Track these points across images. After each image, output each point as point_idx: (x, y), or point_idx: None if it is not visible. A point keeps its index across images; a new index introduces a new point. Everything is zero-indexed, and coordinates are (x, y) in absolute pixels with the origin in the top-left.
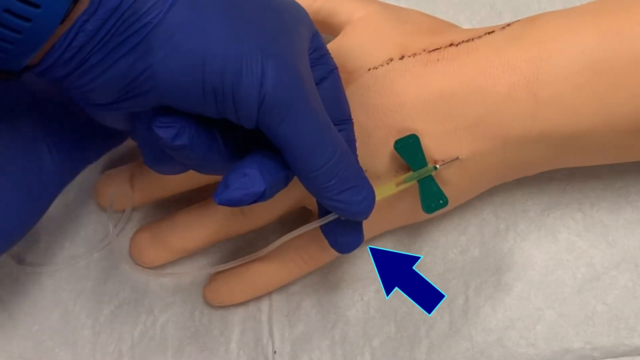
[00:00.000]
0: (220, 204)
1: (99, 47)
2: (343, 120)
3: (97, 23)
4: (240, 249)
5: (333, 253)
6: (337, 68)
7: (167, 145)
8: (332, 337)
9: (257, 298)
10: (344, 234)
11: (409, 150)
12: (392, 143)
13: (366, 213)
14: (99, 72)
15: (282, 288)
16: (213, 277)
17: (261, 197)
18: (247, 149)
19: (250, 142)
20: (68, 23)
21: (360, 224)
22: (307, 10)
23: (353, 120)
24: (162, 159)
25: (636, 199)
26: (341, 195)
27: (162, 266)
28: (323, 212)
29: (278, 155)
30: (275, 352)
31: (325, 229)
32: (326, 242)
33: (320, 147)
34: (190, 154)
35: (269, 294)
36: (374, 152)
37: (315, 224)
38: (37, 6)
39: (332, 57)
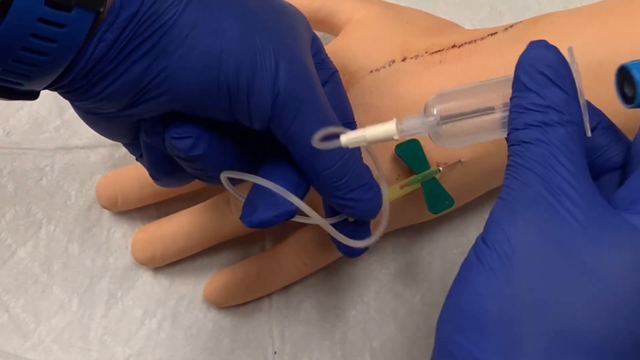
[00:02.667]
0: (251, 226)
1: (117, 54)
2: (347, 123)
3: (117, 31)
4: (241, 248)
5: (333, 255)
6: (337, 71)
7: (182, 157)
8: (332, 338)
9: (258, 299)
10: (352, 237)
11: (411, 153)
12: (394, 146)
13: (375, 211)
14: (114, 79)
15: (282, 289)
16: (213, 278)
17: (292, 215)
18: (255, 162)
19: (259, 154)
20: (89, 35)
21: (367, 227)
22: (307, 10)
23: (356, 123)
24: (170, 170)
25: None
26: (351, 194)
27: (161, 267)
28: (330, 214)
29: (294, 166)
30: (275, 352)
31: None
32: (326, 244)
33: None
34: (203, 164)
35: (269, 294)
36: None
37: (324, 220)
38: (62, 26)
39: (331, 61)
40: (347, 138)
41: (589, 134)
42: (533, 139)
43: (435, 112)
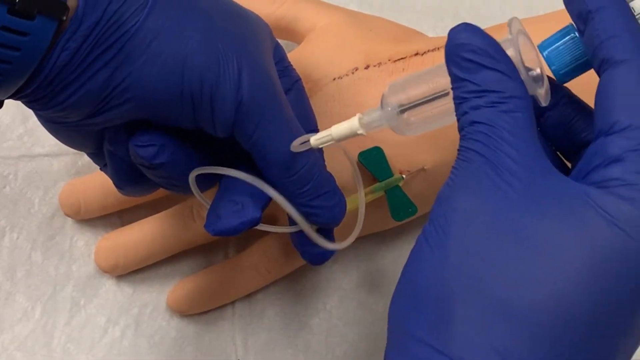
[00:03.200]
0: (215, 234)
1: (80, 62)
2: (310, 130)
3: (80, 39)
4: (204, 256)
5: (296, 263)
6: (300, 79)
7: (146, 165)
8: (296, 346)
9: (221, 306)
10: (316, 245)
11: (374, 161)
12: (357, 153)
13: (339, 218)
14: (77, 87)
15: (246, 297)
16: (176, 286)
17: (257, 223)
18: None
19: (223, 162)
20: (52, 44)
21: (331, 234)
22: (269, 18)
23: (319, 131)
24: (134, 179)
25: None
26: (315, 201)
27: (124, 275)
28: (294, 222)
29: (258, 174)
30: None
31: (296, 241)
32: (289, 252)
33: (294, 152)
34: (167, 172)
35: (232, 302)
36: (339, 163)
37: (288, 229)
38: (25, 34)
39: (294, 69)
40: (315, 139)
41: (543, 102)
42: (473, 122)
43: (392, 103)
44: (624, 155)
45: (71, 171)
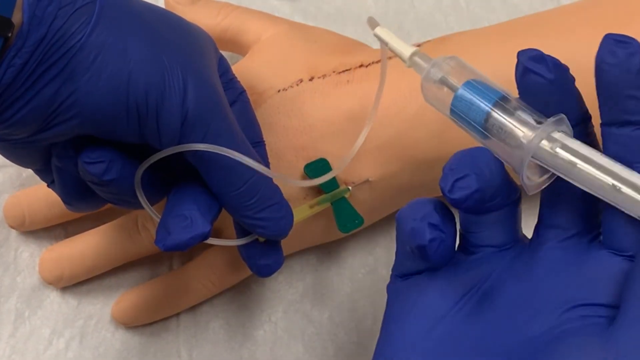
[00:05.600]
0: (166, 250)
1: (26, 78)
2: (255, 142)
3: (25, 56)
4: (149, 267)
5: (241, 274)
6: (245, 91)
7: (95, 181)
8: (240, 357)
9: (166, 318)
10: (264, 257)
11: (320, 173)
12: (302, 165)
13: (286, 231)
14: (23, 103)
15: (190, 308)
16: (121, 298)
17: (206, 237)
18: (167, 185)
19: (171, 177)
20: None
21: (279, 246)
22: (214, 30)
23: (265, 142)
24: (82, 195)
25: None
26: (261, 213)
27: (69, 287)
28: (241, 235)
29: (205, 188)
30: None
31: (244, 253)
32: (234, 263)
33: (240, 164)
34: (116, 188)
35: (177, 314)
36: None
37: (237, 241)
38: None
39: (238, 81)
40: (381, 30)
41: None
42: None
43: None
44: None
45: (15, 183)
